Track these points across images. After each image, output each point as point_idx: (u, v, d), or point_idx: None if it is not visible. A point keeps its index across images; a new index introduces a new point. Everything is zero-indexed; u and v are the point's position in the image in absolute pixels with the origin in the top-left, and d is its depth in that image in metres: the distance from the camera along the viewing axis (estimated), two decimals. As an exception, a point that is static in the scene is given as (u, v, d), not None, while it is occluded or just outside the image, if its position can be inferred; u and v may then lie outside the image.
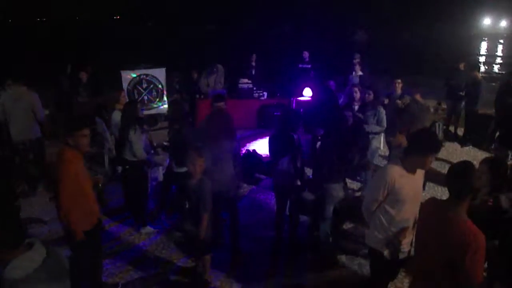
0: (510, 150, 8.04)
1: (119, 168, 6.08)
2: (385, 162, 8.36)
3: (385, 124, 7.38)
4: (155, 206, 6.94)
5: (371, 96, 7.67)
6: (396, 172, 3.67)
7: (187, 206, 4.68)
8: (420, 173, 3.82)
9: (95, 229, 4.48)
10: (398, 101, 7.97)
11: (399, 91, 8.87)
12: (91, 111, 7.50)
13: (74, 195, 4.09)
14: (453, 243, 2.89)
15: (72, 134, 4.14)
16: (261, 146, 9.11)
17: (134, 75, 11.04)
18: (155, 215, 6.71)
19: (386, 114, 8.49)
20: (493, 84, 15.95)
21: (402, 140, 4.55)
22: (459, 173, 3.01)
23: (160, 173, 7.55)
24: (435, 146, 3.66)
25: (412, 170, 3.70)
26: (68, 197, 4.04)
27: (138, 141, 5.97)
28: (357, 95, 7.93)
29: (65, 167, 4.08)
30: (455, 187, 3.01)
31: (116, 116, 6.97)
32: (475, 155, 9.33)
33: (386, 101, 8.92)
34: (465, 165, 3.05)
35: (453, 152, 9.80)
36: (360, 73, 11.02)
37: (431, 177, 7.56)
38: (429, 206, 3.28)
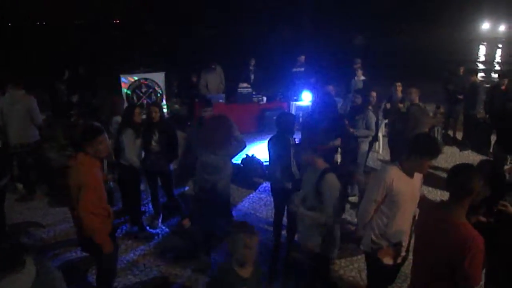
0: (509, 154, 8.06)
1: (116, 173, 6.09)
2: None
3: (373, 128, 7.38)
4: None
5: (359, 100, 7.67)
6: (395, 173, 3.69)
7: None
8: (418, 177, 3.83)
9: (113, 232, 4.57)
10: (400, 105, 7.98)
11: (399, 94, 8.89)
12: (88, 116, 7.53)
13: (97, 200, 4.23)
14: (452, 246, 2.89)
15: (90, 143, 4.22)
16: (260, 151, 9.12)
17: (131, 80, 11.02)
18: (153, 219, 6.71)
19: (389, 119, 8.51)
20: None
21: (319, 162, 4.31)
22: (459, 174, 3.01)
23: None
24: (434, 150, 3.66)
25: (410, 173, 3.72)
26: (90, 204, 4.15)
27: (131, 146, 5.97)
28: (359, 100, 7.90)
29: (90, 173, 4.17)
30: (454, 188, 3.01)
31: (118, 120, 6.99)
32: (474, 159, 9.33)
33: (388, 105, 8.93)
34: (465, 166, 3.07)
35: (452, 156, 9.80)
36: (362, 77, 11.03)
37: (430, 181, 7.58)
38: (427, 209, 3.28)
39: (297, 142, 5.42)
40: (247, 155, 8.76)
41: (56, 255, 5.83)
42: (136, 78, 11.02)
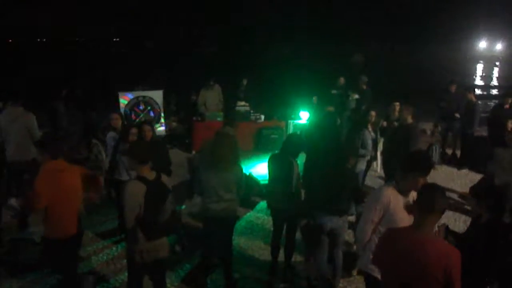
0: None
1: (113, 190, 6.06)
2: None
3: (370, 147, 7.37)
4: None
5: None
6: (391, 193, 3.70)
7: None
8: (414, 194, 3.83)
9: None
10: (395, 123, 8.02)
11: (396, 113, 8.94)
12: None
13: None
14: (436, 262, 2.86)
15: None
16: (258, 169, 9.10)
17: (132, 97, 11.06)
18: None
19: (385, 137, 8.53)
20: (490, 105, 16.02)
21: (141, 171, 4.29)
22: (422, 194, 3.05)
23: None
24: (425, 166, 3.69)
25: (406, 192, 3.73)
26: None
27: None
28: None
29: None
30: (418, 207, 3.02)
31: (111, 137, 6.98)
32: (472, 178, 9.32)
33: (385, 124, 8.96)
34: (429, 186, 3.11)
35: (450, 175, 9.79)
36: (356, 96, 11.07)
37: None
38: (391, 237, 3.20)
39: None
40: (244, 173, 8.73)
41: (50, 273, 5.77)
42: (134, 96, 11.05)
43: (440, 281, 2.86)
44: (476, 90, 28.17)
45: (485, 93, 26.94)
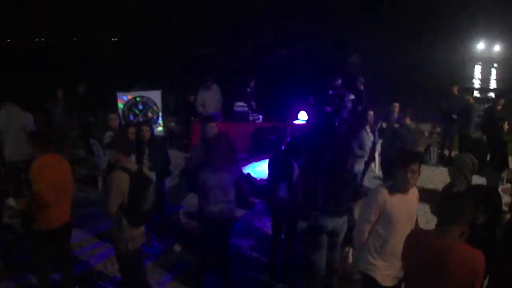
0: (501, 173, 8.05)
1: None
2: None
3: (367, 148, 7.38)
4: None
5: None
6: (387, 193, 3.72)
7: None
8: (413, 194, 3.87)
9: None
10: (396, 125, 8.05)
11: (396, 114, 8.97)
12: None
13: None
14: (459, 273, 2.82)
15: None
16: (256, 170, 9.11)
17: (127, 98, 11.04)
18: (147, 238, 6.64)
19: (384, 138, 8.56)
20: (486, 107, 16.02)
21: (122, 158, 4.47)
22: (451, 201, 2.98)
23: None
24: (405, 157, 3.75)
25: (402, 190, 3.74)
26: None
27: None
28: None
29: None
30: (445, 214, 2.95)
31: (109, 136, 6.98)
32: (469, 179, 9.30)
33: (384, 125, 8.99)
34: (458, 194, 3.06)
35: (447, 176, 9.74)
36: (352, 97, 11.08)
37: (427, 201, 7.55)
38: (417, 239, 3.15)
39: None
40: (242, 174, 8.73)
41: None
42: (132, 96, 11.05)
43: (463, 284, 2.83)
44: (474, 93, 28.43)
45: (483, 96, 26.99)
